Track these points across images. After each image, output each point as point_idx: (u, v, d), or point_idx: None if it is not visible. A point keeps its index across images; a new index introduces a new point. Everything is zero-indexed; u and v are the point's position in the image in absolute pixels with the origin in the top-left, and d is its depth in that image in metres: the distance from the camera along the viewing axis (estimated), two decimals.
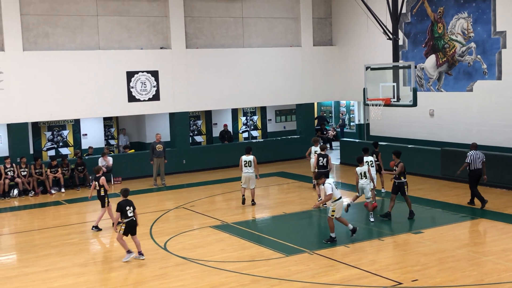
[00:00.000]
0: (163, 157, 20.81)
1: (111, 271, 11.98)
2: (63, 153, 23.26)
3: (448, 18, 20.74)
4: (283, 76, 25.08)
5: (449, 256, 12.06)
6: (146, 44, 22.47)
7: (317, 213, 16.23)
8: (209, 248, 13.27)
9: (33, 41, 20.62)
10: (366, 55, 23.97)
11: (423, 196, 17.70)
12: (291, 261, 12.08)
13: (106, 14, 21.69)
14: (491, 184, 18.10)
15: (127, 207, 12.57)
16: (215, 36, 23.82)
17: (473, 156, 16.11)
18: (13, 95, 20.12)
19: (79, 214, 17.52)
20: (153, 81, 22.41)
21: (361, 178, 15.22)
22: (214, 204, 18.08)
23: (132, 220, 12.55)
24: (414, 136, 22.17)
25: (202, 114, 26.51)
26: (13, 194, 19.70)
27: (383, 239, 13.42)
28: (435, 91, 21.41)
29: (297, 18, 25.40)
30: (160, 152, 20.75)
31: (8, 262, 13.18)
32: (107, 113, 22.37)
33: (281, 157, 25.30)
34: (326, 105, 30.91)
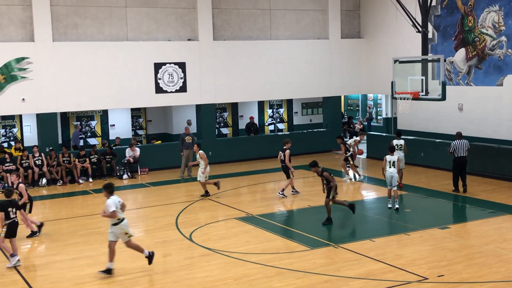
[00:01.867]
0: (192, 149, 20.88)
1: (137, 260, 12.08)
2: (91, 143, 23.53)
3: (479, 11, 20.41)
4: (310, 68, 24.97)
5: (476, 252, 11.92)
6: (174, 36, 22.55)
7: (342, 207, 16.15)
8: (234, 239, 13.32)
9: (63, 32, 20.85)
10: (394, 48, 23.73)
11: (450, 191, 17.51)
12: (316, 254, 12.07)
13: (135, 6, 21.82)
14: None
15: (9, 208, 11.97)
16: (243, 28, 23.81)
17: (457, 145, 16.97)
18: (42, 85, 20.38)
19: None
20: (180, 72, 22.50)
21: (390, 167, 15.39)
22: (239, 196, 18.13)
23: (14, 221, 12.02)
24: (442, 131, 21.90)
25: (228, 106, 26.56)
26: (42, 183, 20.00)
27: (409, 234, 13.31)
28: (465, 85, 21.11)
29: (325, 10, 25.24)
30: (189, 143, 20.84)
31: (37, 250, 13.40)
32: (134, 104, 22.54)
33: (307, 150, 25.21)
34: (353, 98, 30.72)
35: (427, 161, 20.96)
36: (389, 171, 15.40)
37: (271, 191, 18.74)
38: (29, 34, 20.36)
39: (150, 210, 16.48)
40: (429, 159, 20.97)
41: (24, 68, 20.07)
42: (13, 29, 20.18)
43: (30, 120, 22.28)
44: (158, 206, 16.85)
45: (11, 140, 22.30)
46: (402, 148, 17.86)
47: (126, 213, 16.22)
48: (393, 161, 15.38)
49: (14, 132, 22.62)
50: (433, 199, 16.78)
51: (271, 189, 18.99)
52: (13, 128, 22.61)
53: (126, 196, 18.85)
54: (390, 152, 15.69)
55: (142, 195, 18.70)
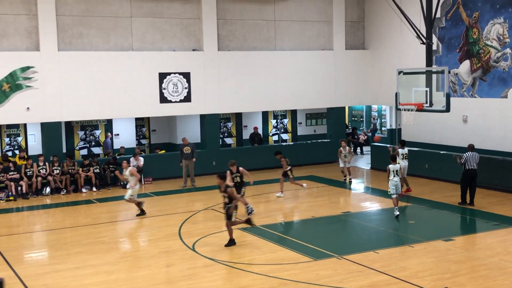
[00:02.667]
0: (192, 158, 20.95)
1: (140, 270, 12.07)
2: (95, 153, 23.57)
3: (484, 23, 20.44)
4: (314, 79, 24.99)
5: (480, 265, 11.86)
6: (179, 46, 22.63)
7: (346, 218, 16.13)
8: (237, 250, 13.28)
9: (68, 41, 20.94)
10: (399, 59, 23.76)
11: (454, 203, 17.45)
12: (319, 265, 12.03)
13: (140, 16, 21.91)
14: None
15: None
16: (247, 39, 23.88)
17: (469, 157, 16.79)
18: (47, 94, 20.45)
19: (110, 212, 17.72)
20: (184, 82, 22.55)
21: (394, 176, 15.73)
22: (242, 206, 18.06)
23: None
24: (446, 142, 21.87)
25: (232, 116, 26.58)
26: (46, 192, 20.02)
27: (413, 245, 13.26)
28: (469, 97, 21.10)
29: (330, 21, 25.30)
30: (187, 154, 20.86)
31: (40, 259, 13.40)
32: (139, 113, 22.59)
33: (311, 160, 25.20)
34: (358, 109, 30.73)
35: (431, 172, 20.91)
36: (394, 180, 15.74)
37: (275, 202, 18.71)
38: (34, 43, 20.46)
39: (153, 220, 16.46)
40: (433, 170, 20.92)
41: (29, 77, 20.15)
42: (19, 39, 20.28)
43: (35, 129, 22.33)
44: (161, 215, 16.83)
45: (16, 149, 22.35)
46: (407, 156, 18.33)
47: (128, 222, 16.32)
48: (397, 170, 15.78)
49: (18, 141, 22.67)
50: (437, 211, 16.73)
51: (275, 200, 18.96)
52: (18, 137, 22.66)
53: (129, 205, 18.86)
54: (392, 161, 16.11)
55: (146, 204, 18.63)
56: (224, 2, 23.25)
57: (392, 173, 15.72)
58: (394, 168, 15.74)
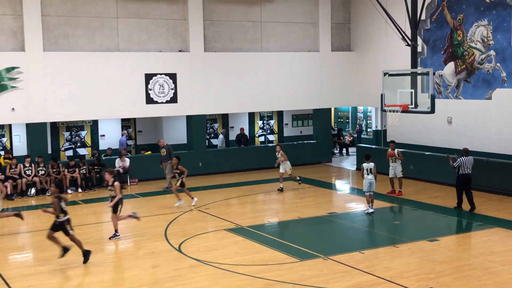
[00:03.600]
0: (168, 160, 20.44)
1: (125, 271, 12.05)
2: (81, 154, 23.47)
3: (468, 25, 20.62)
4: (300, 80, 25.07)
5: (465, 265, 11.97)
6: (165, 47, 22.60)
7: (332, 218, 16.20)
8: (223, 251, 13.30)
9: (54, 41, 20.84)
10: (384, 61, 23.90)
11: (440, 203, 17.59)
12: (305, 266, 12.07)
13: (126, 17, 21.86)
14: (509, 193, 17.96)
15: None
16: (234, 40, 23.90)
17: (463, 162, 16.40)
18: (32, 95, 20.34)
19: (95, 214, 17.65)
20: (171, 83, 22.53)
21: (367, 174, 16.16)
22: (229, 207, 18.12)
23: None
24: (431, 143, 22.03)
25: (219, 117, 26.60)
26: (31, 193, 19.90)
27: (398, 246, 13.35)
28: (454, 98, 21.28)
29: (316, 23, 25.39)
30: (163, 156, 20.66)
31: (24, 260, 13.32)
32: (125, 114, 22.53)
33: (297, 161, 25.21)
34: (343, 110, 30.86)
35: (416, 173, 21.04)
36: (368, 178, 16.17)
37: (261, 203, 18.76)
38: (20, 43, 20.34)
39: (140, 221, 16.39)
40: (418, 171, 21.06)
41: (14, 77, 20.02)
42: (4, 39, 20.15)
43: (20, 129, 22.21)
44: (147, 216, 16.78)
45: (1, 150, 22.19)
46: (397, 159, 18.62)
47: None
48: (370, 168, 16.13)
49: (3, 141, 22.52)
50: (422, 212, 16.86)
51: (261, 201, 19.00)
52: (3, 138, 22.52)
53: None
54: (366, 160, 16.32)
55: (132, 205, 18.61)
56: (211, 3, 23.26)
57: (366, 171, 16.15)
58: (368, 166, 16.12)
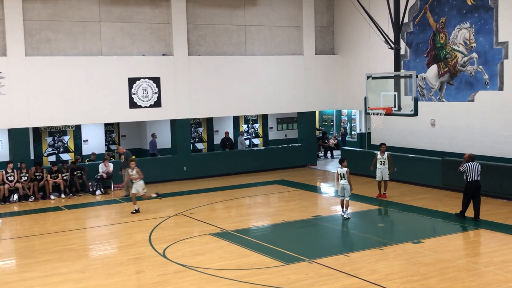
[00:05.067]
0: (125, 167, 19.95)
1: (109, 277, 11.94)
2: (64, 159, 23.27)
3: (450, 28, 20.77)
4: (285, 84, 25.09)
5: (449, 267, 12.01)
6: (148, 51, 22.51)
7: (317, 221, 16.20)
8: (208, 255, 13.24)
9: (36, 46, 20.67)
10: (368, 64, 24.01)
11: (423, 205, 17.66)
12: (290, 270, 12.05)
13: (109, 21, 21.74)
14: (492, 195, 18.08)
15: None
16: (218, 44, 23.87)
17: (470, 168, 15.52)
18: (14, 100, 20.15)
19: (79, 220, 17.49)
20: (154, 87, 22.43)
21: (340, 179, 16.10)
22: (214, 211, 18.05)
23: None
24: (415, 146, 22.14)
25: (203, 121, 26.53)
26: (13, 199, 19.69)
27: (382, 248, 13.38)
28: (437, 101, 21.41)
29: (300, 26, 25.45)
30: (123, 163, 20.40)
31: (7, 267, 13.15)
32: (108, 119, 22.37)
33: (282, 165, 25.29)
34: (328, 113, 30.93)
35: (400, 175, 21.13)
36: (341, 183, 16.12)
37: (246, 207, 18.72)
38: (1, 48, 20.14)
39: (124, 226, 16.30)
40: (402, 174, 21.15)
41: None
42: None
43: (2, 135, 21.98)
44: (131, 222, 16.68)
45: None
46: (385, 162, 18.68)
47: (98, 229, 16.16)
48: (343, 173, 16.04)
49: None
50: (406, 214, 16.91)
51: (247, 205, 18.96)
52: None
53: (99, 212, 18.69)
54: (340, 164, 16.25)
55: (115, 211, 18.50)
56: (194, 6, 23.22)
57: (339, 176, 16.13)
58: (341, 171, 16.07)
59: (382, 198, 18.77)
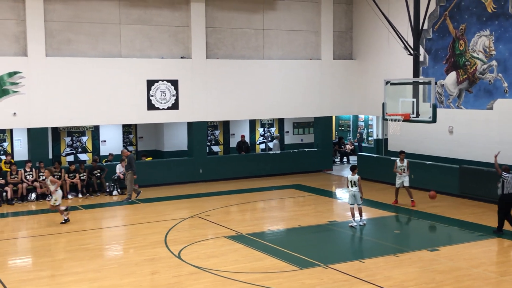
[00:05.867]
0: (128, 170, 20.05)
1: (124, 277, 12.00)
2: (82, 159, 23.45)
3: (470, 35, 20.64)
4: (302, 88, 25.08)
5: (465, 275, 11.93)
6: (167, 53, 22.63)
7: (333, 227, 16.16)
8: (223, 258, 13.26)
9: (56, 47, 20.87)
10: (386, 70, 23.92)
11: (440, 213, 17.55)
12: (304, 274, 12.03)
13: (129, 23, 21.90)
14: None
15: None
16: (236, 47, 23.93)
17: (506, 180, 14.80)
18: (34, 100, 20.35)
19: (95, 219, 17.63)
20: (172, 90, 22.54)
21: (352, 186, 15.90)
22: (229, 214, 18.09)
23: None
24: (432, 153, 22.00)
25: (220, 124, 26.60)
26: (31, 198, 19.87)
27: (398, 255, 13.31)
28: (455, 108, 21.27)
29: (318, 31, 25.43)
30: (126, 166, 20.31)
31: (24, 266, 13.28)
32: (126, 120, 22.52)
33: (298, 169, 25.26)
34: (345, 119, 30.85)
35: (417, 183, 20.98)
36: (352, 190, 15.93)
37: (261, 210, 18.73)
38: (22, 48, 20.37)
39: (139, 227, 16.39)
40: (419, 181, 21.01)
41: (16, 82, 20.04)
42: (7, 44, 20.18)
43: (21, 134, 22.21)
44: (147, 223, 16.77)
45: (1, 154, 22.18)
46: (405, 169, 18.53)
47: (114, 229, 16.26)
48: (354, 181, 15.86)
49: (4, 146, 22.51)
50: (422, 221, 16.82)
51: (261, 208, 18.97)
52: (4, 142, 22.51)
53: (115, 212, 18.81)
54: (352, 171, 16.07)
55: (132, 211, 18.61)
56: (213, 10, 23.31)
57: (349, 183, 15.94)
58: (352, 178, 15.90)
59: (411, 205, 18.58)
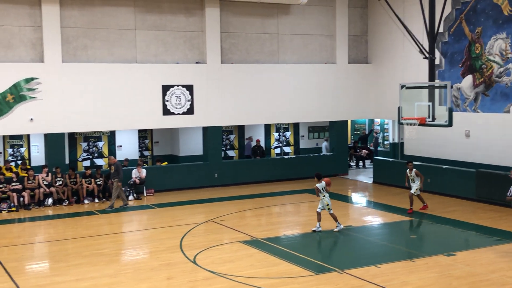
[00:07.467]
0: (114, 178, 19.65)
1: (140, 282, 12.04)
2: (98, 164, 23.60)
3: (486, 38, 20.50)
4: (317, 93, 25.04)
5: (482, 280, 11.81)
6: (182, 59, 22.72)
7: (348, 232, 16.09)
8: (238, 263, 13.26)
9: (72, 53, 21.05)
10: (401, 73, 23.81)
11: (457, 218, 17.41)
12: (320, 280, 11.99)
13: (144, 29, 22.03)
14: None
15: None
16: (250, 52, 23.96)
17: None
18: (51, 105, 20.52)
19: (111, 224, 17.71)
20: (187, 95, 22.62)
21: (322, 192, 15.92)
22: (244, 219, 18.09)
23: None
24: (448, 157, 21.86)
25: (235, 128, 26.63)
26: (48, 203, 20.02)
27: (414, 260, 13.22)
28: (471, 111, 21.11)
29: (333, 35, 25.39)
30: (112, 173, 19.94)
31: (40, 270, 13.38)
32: (142, 125, 22.64)
33: (313, 174, 25.10)
34: (360, 123, 30.75)
35: (433, 187, 20.87)
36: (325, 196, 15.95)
37: (277, 215, 18.70)
38: (39, 55, 20.57)
39: (155, 232, 16.45)
40: (435, 185, 20.89)
41: (33, 88, 20.23)
42: (24, 50, 20.39)
43: (38, 140, 22.41)
44: (163, 228, 16.82)
45: (19, 160, 22.39)
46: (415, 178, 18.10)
47: (130, 234, 16.36)
48: (323, 187, 15.94)
49: (21, 151, 22.72)
50: (439, 226, 16.69)
51: (277, 213, 18.94)
52: (21, 148, 22.72)
53: (131, 217, 18.88)
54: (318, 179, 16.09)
55: (147, 216, 18.68)
56: (228, 15, 23.37)
57: (321, 190, 15.94)
58: (321, 186, 15.94)
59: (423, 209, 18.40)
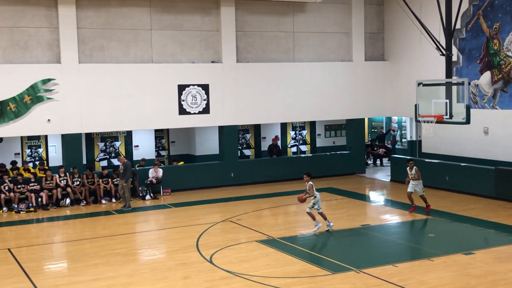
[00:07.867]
0: (123, 178, 19.63)
1: (157, 282, 12.06)
2: (115, 164, 23.70)
3: (504, 34, 20.24)
4: (333, 91, 24.92)
5: (501, 279, 11.66)
6: (198, 58, 22.73)
7: (365, 230, 15.99)
8: (254, 262, 13.23)
9: (89, 54, 21.15)
10: (418, 70, 23.61)
11: (475, 216, 17.23)
12: (337, 279, 11.92)
13: (160, 29, 22.07)
14: None
15: None
16: (266, 51, 23.91)
17: None
18: (68, 106, 20.65)
19: (128, 224, 17.78)
20: (203, 94, 22.63)
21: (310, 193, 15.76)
22: (260, 218, 18.05)
23: None
24: (467, 154, 21.63)
25: (251, 127, 26.60)
26: (65, 203, 20.15)
27: (432, 259, 13.09)
28: (490, 108, 20.87)
29: (349, 32, 25.24)
30: (120, 173, 19.96)
31: (58, 270, 13.46)
32: (158, 125, 22.71)
33: (330, 172, 25.09)
34: (377, 120, 30.55)
35: (452, 185, 20.68)
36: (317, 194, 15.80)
37: (293, 214, 18.64)
38: (55, 56, 20.70)
39: (171, 232, 16.48)
40: (454, 183, 20.70)
41: (50, 89, 20.38)
42: (40, 51, 20.54)
43: (55, 140, 22.57)
44: (179, 227, 16.85)
45: (36, 160, 22.57)
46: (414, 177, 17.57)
47: (146, 234, 16.39)
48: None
49: (39, 152, 22.91)
50: (457, 224, 16.52)
51: (293, 212, 18.88)
52: (39, 148, 22.90)
53: (148, 217, 18.95)
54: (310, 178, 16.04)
55: (164, 216, 18.73)
56: (243, 14, 23.34)
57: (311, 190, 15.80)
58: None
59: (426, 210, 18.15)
